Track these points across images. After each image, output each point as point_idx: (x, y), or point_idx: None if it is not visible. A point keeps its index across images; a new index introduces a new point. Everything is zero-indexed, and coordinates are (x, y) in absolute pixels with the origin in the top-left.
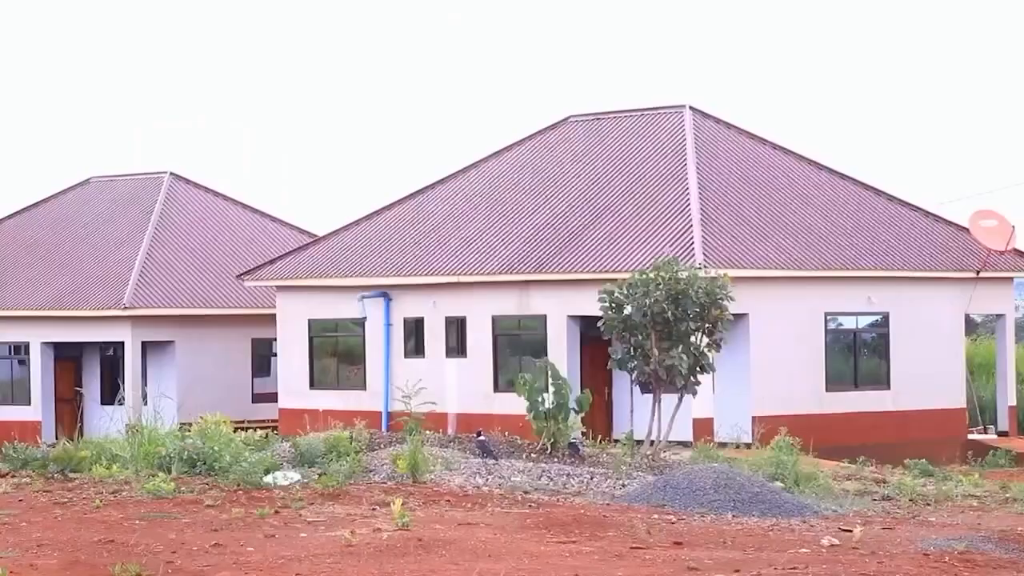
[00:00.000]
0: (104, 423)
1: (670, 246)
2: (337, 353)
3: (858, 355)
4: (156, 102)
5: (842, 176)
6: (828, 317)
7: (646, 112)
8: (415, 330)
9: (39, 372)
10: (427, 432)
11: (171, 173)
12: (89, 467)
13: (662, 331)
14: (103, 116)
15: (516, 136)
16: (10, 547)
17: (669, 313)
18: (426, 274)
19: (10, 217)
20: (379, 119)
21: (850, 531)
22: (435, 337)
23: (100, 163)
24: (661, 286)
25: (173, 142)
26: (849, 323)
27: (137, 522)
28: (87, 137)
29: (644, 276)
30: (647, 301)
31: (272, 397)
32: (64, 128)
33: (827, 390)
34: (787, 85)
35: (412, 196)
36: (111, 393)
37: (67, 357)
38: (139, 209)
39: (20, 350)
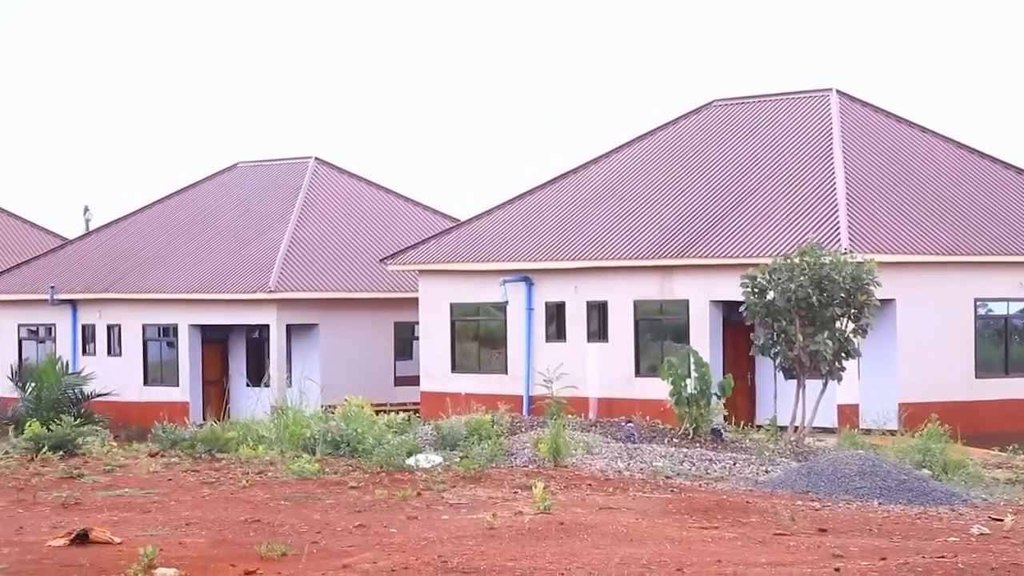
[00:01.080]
0: (250, 404)
1: (814, 231)
2: (479, 337)
3: (1009, 341)
4: (303, 87)
5: (992, 159)
6: (978, 303)
7: (791, 96)
8: (556, 314)
9: (187, 354)
10: (568, 416)
11: (316, 158)
12: (236, 448)
13: (806, 316)
14: (250, 101)
15: (660, 120)
16: (160, 525)
17: (814, 298)
18: (568, 259)
19: (159, 202)
20: (523, 104)
21: (1001, 520)
22: (576, 321)
23: (247, 148)
24: (805, 271)
25: (318, 127)
26: (1000, 309)
27: (282, 502)
28: (234, 122)
29: (788, 261)
30: (791, 286)
31: (414, 380)
32: (212, 113)
33: (977, 377)
34: (933, 67)
35: (554, 181)
36: (257, 375)
37: (214, 339)
38: (284, 194)
39: (169, 332)
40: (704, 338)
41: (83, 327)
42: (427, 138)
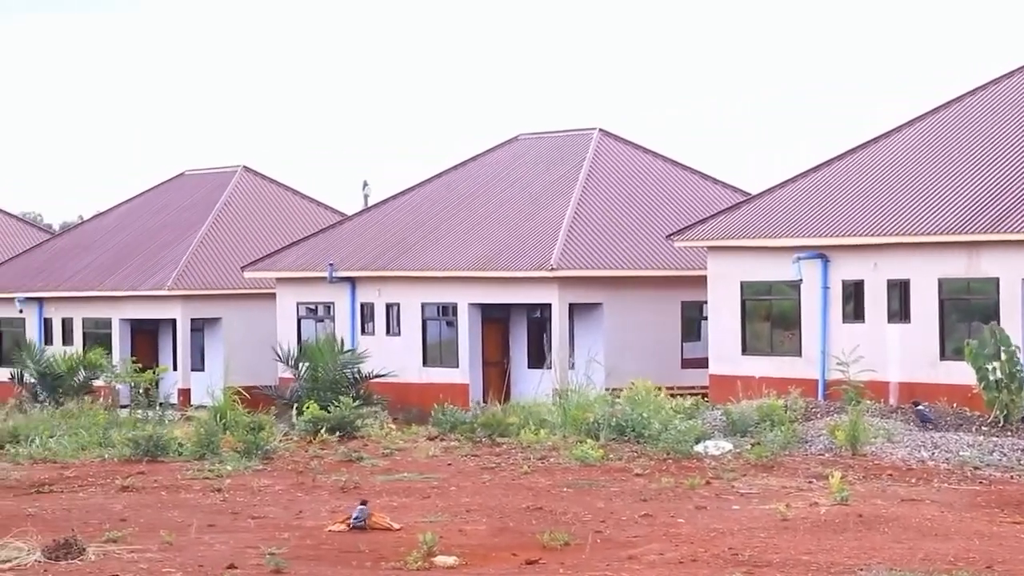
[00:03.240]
0: (531, 387)
1: None
2: (771, 317)
3: None
4: (587, 55)
5: None
6: None
7: None
8: (854, 293)
9: (467, 334)
10: (866, 402)
11: (600, 129)
12: (517, 432)
13: None
14: (533, 72)
15: (966, 87)
16: (439, 511)
17: None
18: (867, 234)
19: (439, 176)
20: (816, 72)
21: None
22: (875, 301)
23: (529, 120)
24: None
25: (601, 97)
26: None
27: (565, 489)
28: (516, 93)
29: None
30: None
31: (702, 363)
32: (493, 84)
33: None
34: None
35: (852, 151)
36: (538, 357)
37: (494, 319)
38: (566, 167)
39: (448, 311)
40: (1016, 319)
41: (362, 305)
42: (711, 107)
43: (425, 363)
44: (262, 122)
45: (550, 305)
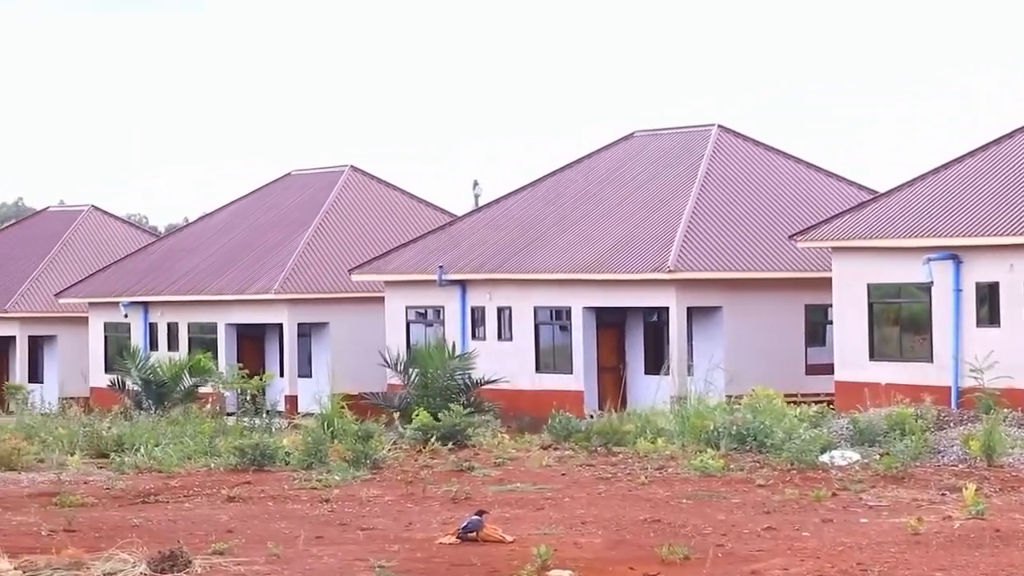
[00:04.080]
0: (648, 394)
1: None
2: (899, 321)
3: None
4: (705, 51)
5: None
6: None
7: None
8: (988, 296)
9: (581, 338)
10: (1002, 410)
11: (719, 125)
12: (633, 441)
13: None
14: (648, 68)
15: None
16: (553, 523)
17: None
18: (1002, 234)
19: (552, 175)
20: (953, 67)
21: None
22: (1012, 304)
23: (644, 116)
24: None
25: (720, 93)
26: None
27: (684, 501)
28: (631, 89)
29: None
30: None
31: (827, 369)
32: (607, 81)
33: None
34: None
35: (985, 147)
36: (655, 362)
37: (610, 323)
38: (684, 165)
39: (562, 315)
40: None
41: (472, 309)
42: (835, 103)
43: (538, 369)
44: (370, 121)
45: (668, 308)
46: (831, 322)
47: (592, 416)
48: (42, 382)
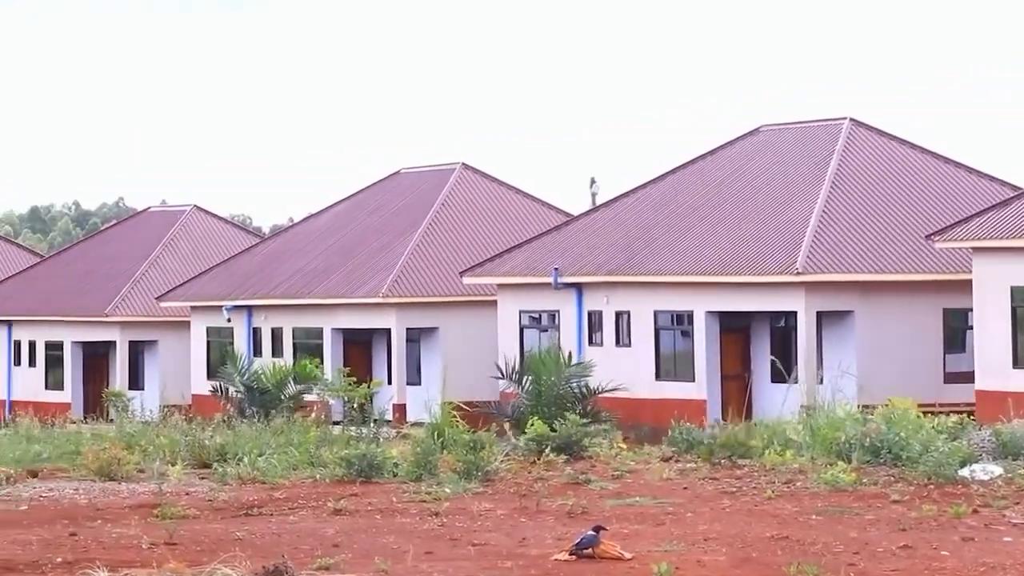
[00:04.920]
0: (775, 403)
1: None
2: None
3: None
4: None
5: None
6: None
7: None
8: None
9: (703, 344)
10: None
11: (851, 119)
12: (759, 453)
13: None
14: (776, 60)
15: None
16: (674, 540)
17: None
18: None
19: (673, 172)
20: None
21: None
22: None
23: (771, 110)
24: None
25: (852, 85)
26: None
27: (813, 517)
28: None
29: None
30: None
31: (967, 377)
32: (733, 73)
33: None
34: None
35: None
36: (783, 369)
37: (734, 328)
38: (814, 160)
39: (683, 320)
40: None
41: (589, 314)
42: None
43: (658, 376)
44: (482, 117)
45: (796, 313)
46: (971, 327)
47: (715, 426)
48: (143, 389)
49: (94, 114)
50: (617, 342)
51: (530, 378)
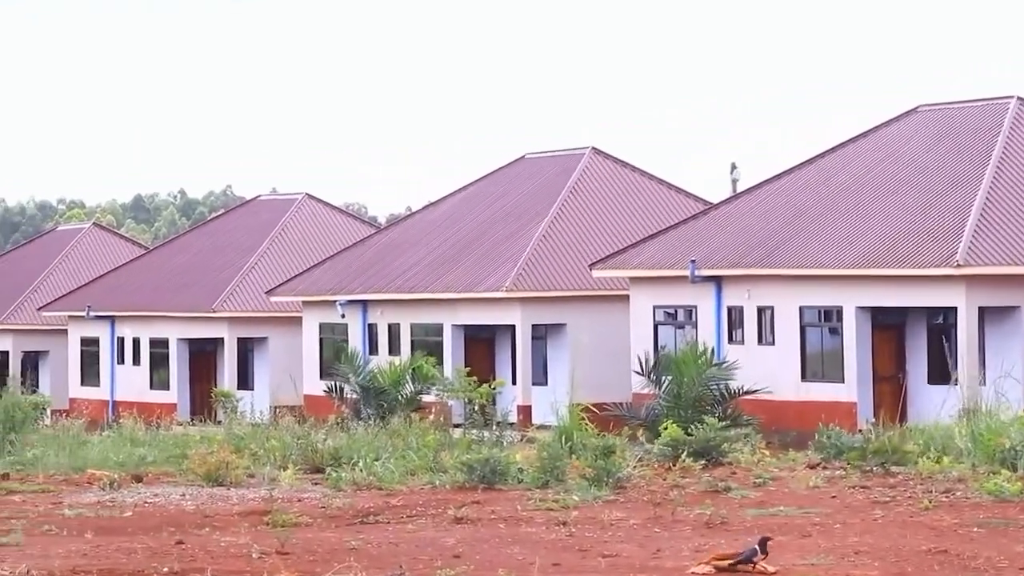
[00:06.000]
0: (933, 406)
1: None
2: None
3: None
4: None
5: None
6: None
7: None
8: None
9: (854, 342)
10: None
11: (1017, 97)
12: (915, 460)
13: None
14: (935, 36)
15: None
16: (822, 553)
17: None
18: None
19: (820, 156)
20: None
21: None
22: None
23: (930, 88)
24: None
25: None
26: None
27: (975, 530)
28: (913, 60)
29: None
30: None
31: None
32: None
33: None
34: None
35: None
36: (941, 370)
37: (887, 325)
38: (977, 143)
39: (831, 316)
40: None
41: (729, 309)
42: None
43: (804, 377)
44: (613, 98)
45: (956, 309)
46: None
47: (866, 431)
48: (252, 389)
49: (202, 97)
50: (759, 340)
51: (667, 378)
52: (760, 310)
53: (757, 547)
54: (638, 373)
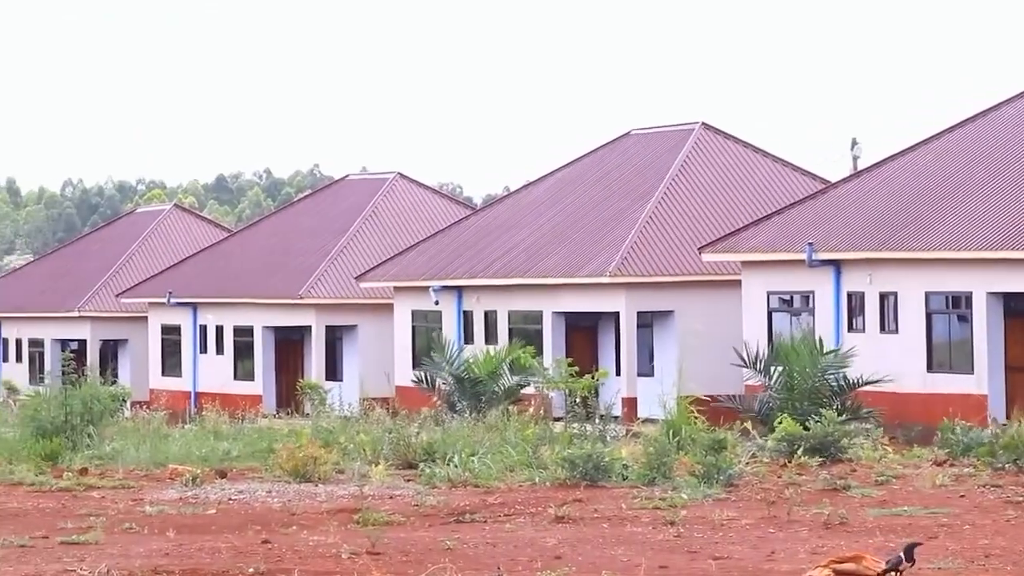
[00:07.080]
0: None
1: None
2: None
3: None
4: None
5: None
6: None
7: None
8: None
9: (984, 331)
10: None
11: None
12: None
13: None
14: None
15: None
16: (950, 556)
17: None
18: None
19: (948, 131)
20: None
21: None
22: None
23: None
24: None
25: None
26: None
27: None
28: None
29: None
30: None
31: None
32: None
33: None
34: None
35: None
36: None
37: (1020, 312)
38: None
39: (960, 303)
40: None
41: (849, 295)
42: None
43: (930, 368)
44: (724, 70)
45: None
46: None
47: (998, 426)
48: (341, 380)
49: (288, 73)
50: (881, 328)
51: (780, 369)
52: (883, 296)
53: (902, 554)
54: (739, 365)
